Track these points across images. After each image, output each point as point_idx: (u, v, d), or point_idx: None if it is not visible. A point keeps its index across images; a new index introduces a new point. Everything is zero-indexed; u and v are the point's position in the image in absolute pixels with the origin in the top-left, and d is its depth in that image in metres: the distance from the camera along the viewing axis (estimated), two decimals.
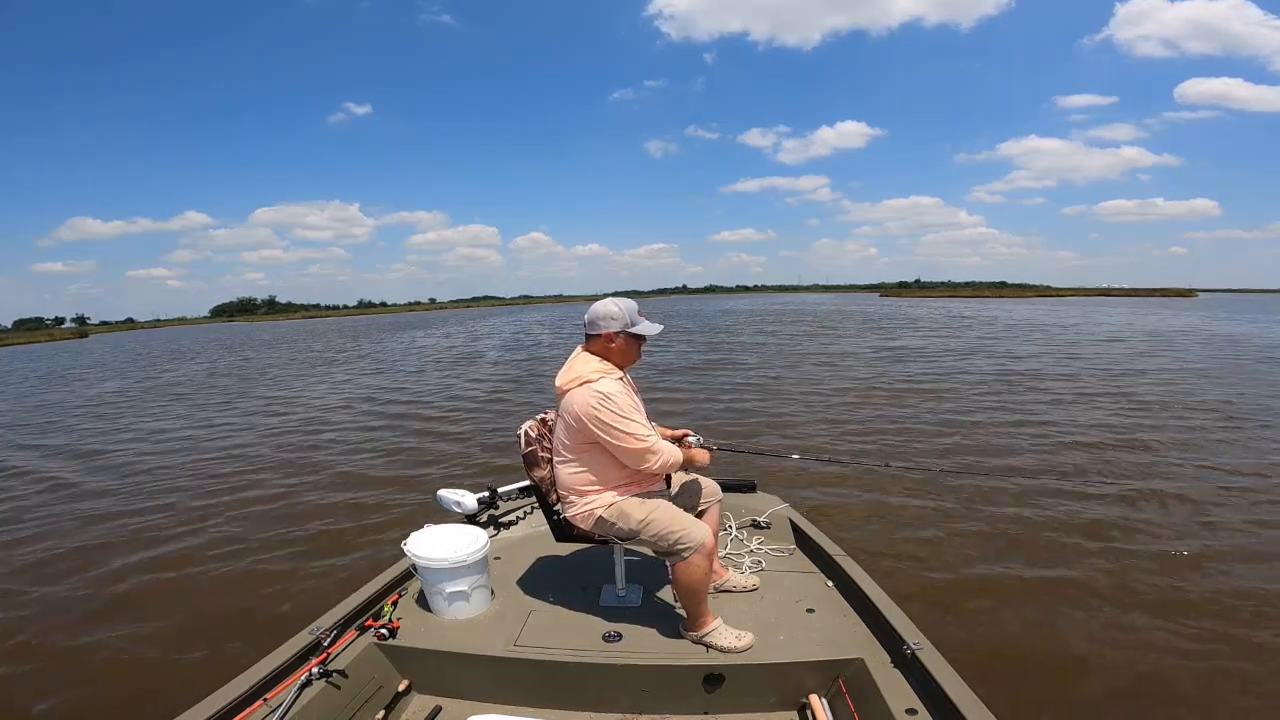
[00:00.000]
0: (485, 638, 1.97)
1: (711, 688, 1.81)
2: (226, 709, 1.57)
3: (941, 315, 33.37)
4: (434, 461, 6.30)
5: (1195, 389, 9.02)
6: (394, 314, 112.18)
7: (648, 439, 1.95)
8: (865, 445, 6.37)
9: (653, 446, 1.95)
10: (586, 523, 2.05)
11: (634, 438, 1.93)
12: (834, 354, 14.81)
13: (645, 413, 2.07)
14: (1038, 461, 5.57)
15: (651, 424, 2.11)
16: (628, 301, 2.04)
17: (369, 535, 4.32)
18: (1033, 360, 12.71)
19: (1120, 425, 6.81)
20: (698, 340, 19.86)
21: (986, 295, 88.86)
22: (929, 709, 1.56)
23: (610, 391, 1.92)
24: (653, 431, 2.04)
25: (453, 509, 2.76)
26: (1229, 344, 15.98)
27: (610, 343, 2.01)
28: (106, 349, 35.88)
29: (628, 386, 2.04)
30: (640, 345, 2.08)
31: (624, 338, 2.02)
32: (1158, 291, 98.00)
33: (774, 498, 2.96)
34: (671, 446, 2.03)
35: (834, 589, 2.22)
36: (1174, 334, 19.39)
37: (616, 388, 1.95)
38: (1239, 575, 3.36)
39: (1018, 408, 7.87)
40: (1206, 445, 5.95)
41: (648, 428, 2.01)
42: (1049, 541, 3.83)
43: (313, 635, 1.87)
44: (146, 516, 4.98)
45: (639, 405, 2.04)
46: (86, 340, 57.26)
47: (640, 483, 2.05)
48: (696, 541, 1.89)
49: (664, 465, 1.98)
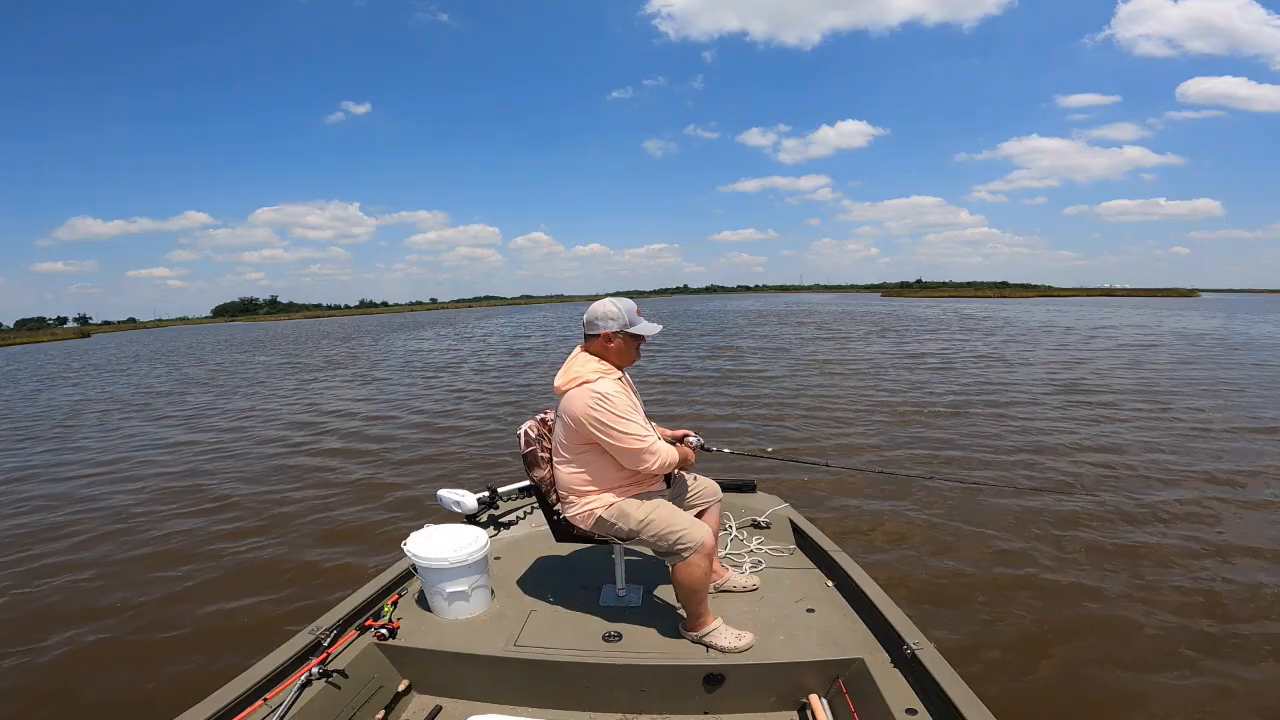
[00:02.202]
0: (485, 638, 1.97)
1: (711, 688, 1.81)
2: (226, 709, 1.57)
3: (953, 316, 32.71)
4: (435, 461, 6.31)
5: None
6: (395, 314, 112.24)
7: (646, 439, 1.95)
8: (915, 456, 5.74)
9: (651, 447, 1.95)
10: (586, 523, 2.05)
11: (632, 438, 1.92)
12: (865, 360, 13.41)
13: (644, 413, 2.07)
14: (1136, 504, 4.47)
15: (651, 424, 2.11)
16: (626, 301, 2.04)
17: (369, 535, 4.32)
18: (1094, 373, 10.86)
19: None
20: (712, 343, 18.45)
21: (988, 295, 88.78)
22: (929, 709, 1.55)
23: (608, 392, 1.92)
24: (651, 432, 2.03)
25: (453, 509, 2.76)
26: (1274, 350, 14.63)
27: (609, 343, 2.01)
28: (110, 348, 35.93)
29: (626, 386, 2.04)
30: (639, 345, 2.08)
31: (623, 338, 2.02)
32: (1160, 292, 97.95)
33: (774, 498, 2.96)
34: (669, 447, 2.02)
35: (834, 589, 2.22)
36: (1204, 336, 18.41)
37: (615, 388, 1.95)
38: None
39: (1103, 432, 6.60)
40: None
41: (646, 428, 2.00)
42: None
43: (313, 635, 1.88)
44: (146, 516, 4.99)
45: (638, 405, 2.04)
46: (89, 340, 57.36)
47: (639, 483, 2.05)
48: (696, 541, 1.89)
49: (662, 466, 1.97)
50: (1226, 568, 3.48)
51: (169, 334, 62.54)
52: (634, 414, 1.97)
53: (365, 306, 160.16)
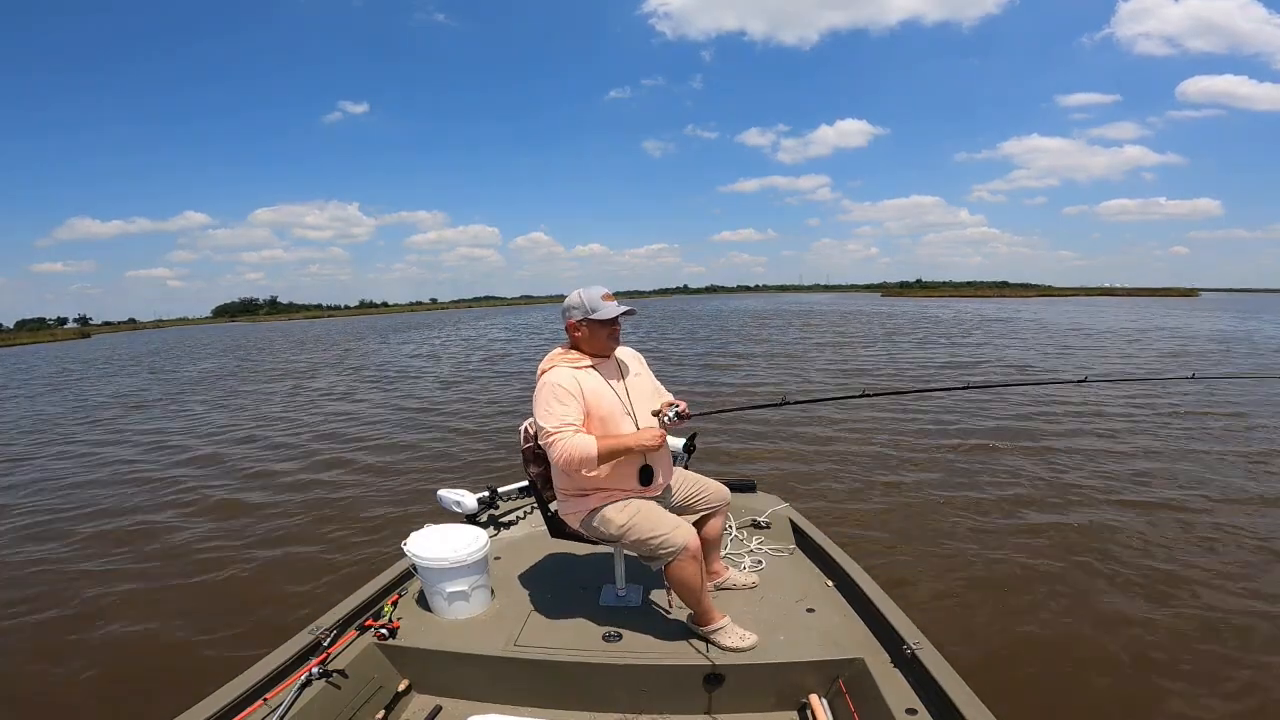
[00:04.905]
0: (485, 638, 1.97)
1: (712, 687, 1.81)
2: (226, 709, 1.57)
3: (972, 316, 30.58)
4: (436, 459, 6.31)
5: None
6: (396, 314, 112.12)
7: (553, 430, 1.84)
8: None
9: (551, 438, 1.84)
10: (573, 523, 2.06)
11: (541, 430, 1.87)
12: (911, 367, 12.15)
13: (625, 400, 1.99)
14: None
15: (660, 398, 2.11)
16: (593, 289, 1.98)
17: (369, 535, 4.32)
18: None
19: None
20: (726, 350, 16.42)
21: (988, 295, 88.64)
22: (929, 709, 1.55)
23: (549, 380, 1.91)
24: (570, 425, 1.86)
25: (453, 509, 2.77)
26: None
27: (576, 332, 2.00)
28: (105, 349, 35.95)
29: (600, 378, 1.97)
30: (608, 330, 1.99)
31: (588, 325, 1.97)
32: (1160, 291, 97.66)
33: (774, 497, 2.96)
34: (581, 440, 1.83)
35: (834, 589, 2.21)
36: (1241, 339, 17.09)
37: (560, 377, 1.91)
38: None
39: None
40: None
41: (568, 420, 1.85)
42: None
43: (313, 635, 1.88)
44: (145, 512, 5.00)
45: (609, 395, 1.96)
46: (89, 340, 57.38)
47: (617, 484, 1.98)
48: (678, 545, 1.86)
49: (568, 461, 1.82)
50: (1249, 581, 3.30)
51: (170, 334, 62.55)
52: (561, 405, 1.86)
53: (365, 307, 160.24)
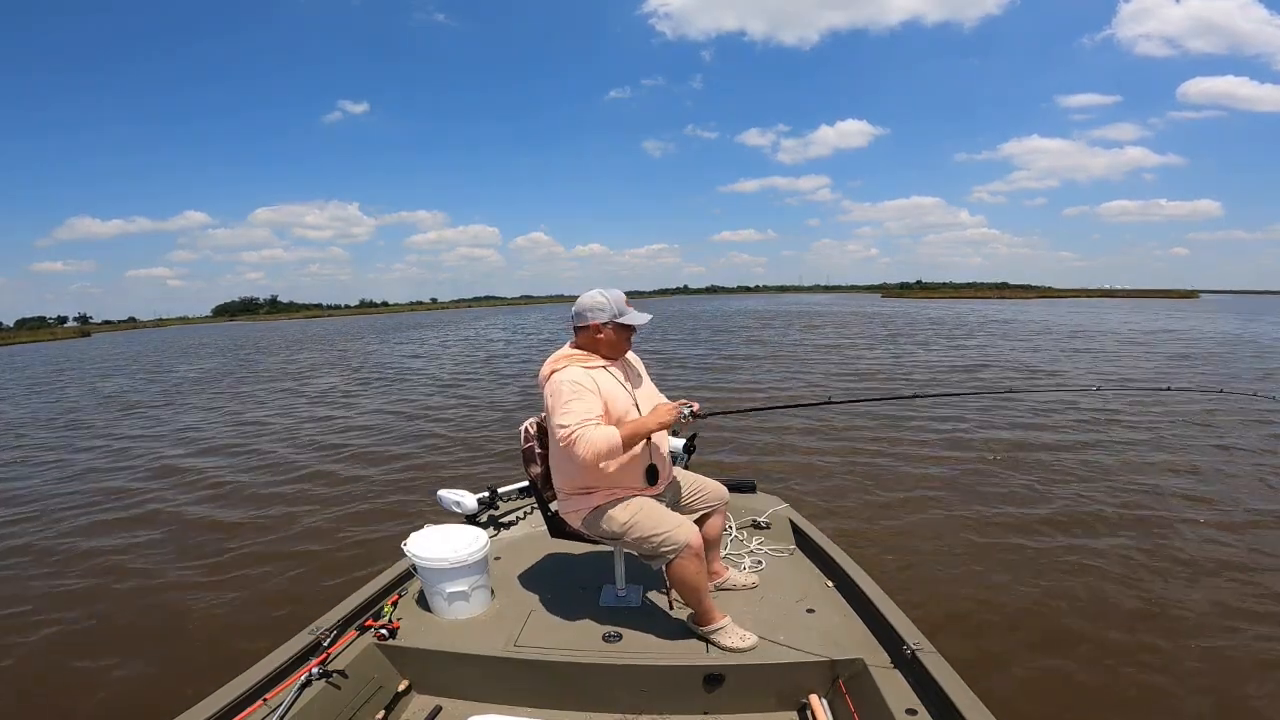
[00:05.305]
0: (485, 638, 1.97)
1: (711, 688, 1.81)
2: (226, 709, 1.57)
3: (982, 318, 30.08)
4: (436, 459, 6.31)
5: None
6: (396, 314, 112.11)
7: (573, 427, 1.79)
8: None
9: (572, 435, 1.79)
10: (575, 521, 2.05)
11: (563, 429, 1.80)
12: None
13: (635, 402, 1.97)
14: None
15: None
16: (614, 291, 1.98)
17: (369, 535, 4.32)
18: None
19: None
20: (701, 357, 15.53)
21: (989, 296, 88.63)
22: (929, 709, 1.55)
23: (565, 378, 1.86)
24: (592, 419, 1.82)
25: (453, 509, 2.77)
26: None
27: (598, 334, 1.97)
28: (103, 348, 35.96)
29: (614, 378, 1.97)
30: (629, 335, 2.02)
31: (612, 328, 1.97)
32: (1160, 293, 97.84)
33: (774, 498, 2.96)
34: (604, 430, 1.80)
35: (834, 589, 2.21)
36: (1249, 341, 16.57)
37: (576, 375, 1.87)
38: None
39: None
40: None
41: (590, 415, 1.82)
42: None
43: (313, 635, 1.88)
44: (145, 510, 5.00)
45: (623, 396, 1.95)
46: (90, 339, 57.36)
47: (622, 482, 1.98)
48: (680, 544, 1.87)
49: (595, 454, 1.78)
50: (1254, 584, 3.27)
51: (169, 333, 62.54)
52: (581, 401, 1.82)
53: (365, 306, 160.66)
